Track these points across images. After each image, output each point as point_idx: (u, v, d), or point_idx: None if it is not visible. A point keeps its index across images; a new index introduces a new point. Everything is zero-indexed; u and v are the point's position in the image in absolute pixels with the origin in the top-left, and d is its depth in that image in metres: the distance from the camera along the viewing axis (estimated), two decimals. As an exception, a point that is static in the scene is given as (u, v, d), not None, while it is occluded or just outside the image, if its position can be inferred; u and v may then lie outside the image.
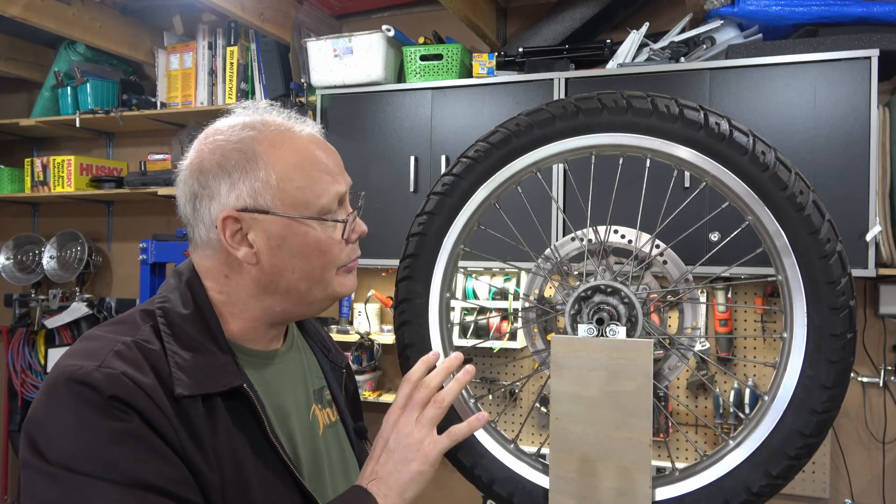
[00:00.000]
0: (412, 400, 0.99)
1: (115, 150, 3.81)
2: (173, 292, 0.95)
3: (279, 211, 0.92)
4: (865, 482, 2.59)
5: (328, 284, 0.98)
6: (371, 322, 3.06)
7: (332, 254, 0.96)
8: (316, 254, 0.95)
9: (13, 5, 2.79)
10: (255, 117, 0.97)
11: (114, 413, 0.78)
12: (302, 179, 0.93)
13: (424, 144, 2.67)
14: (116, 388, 0.79)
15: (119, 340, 0.85)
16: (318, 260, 0.95)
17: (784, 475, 1.10)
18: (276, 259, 0.93)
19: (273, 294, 0.96)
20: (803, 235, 1.07)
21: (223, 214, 0.91)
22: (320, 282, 0.97)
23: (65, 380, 0.80)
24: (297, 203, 0.93)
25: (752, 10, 2.38)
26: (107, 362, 0.81)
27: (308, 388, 1.07)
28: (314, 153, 0.96)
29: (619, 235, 1.33)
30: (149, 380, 0.82)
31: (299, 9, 3.06)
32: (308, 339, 1.16)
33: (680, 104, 1.13)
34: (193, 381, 0.85)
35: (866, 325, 2.57)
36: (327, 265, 0.96)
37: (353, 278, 1.02)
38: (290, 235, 0.93)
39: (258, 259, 0.93)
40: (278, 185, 0.92)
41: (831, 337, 1.07)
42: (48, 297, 3.60)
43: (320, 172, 0.95)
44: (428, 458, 0.95)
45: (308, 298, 0.98)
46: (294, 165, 0.93)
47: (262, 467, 0.89)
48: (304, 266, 0.95)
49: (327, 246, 0.95)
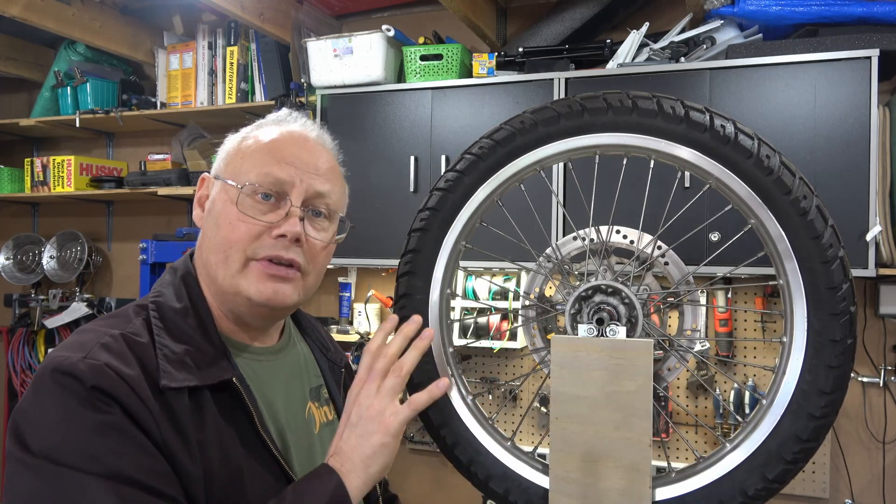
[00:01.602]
0: (372, 371, 0.97)
1: (115, 150, 3.81)
2: (167, 287, 0.96)
3: (220, 174, 0.97)
4: (865, 482, 2.59)
5: (234, 272, 0.93)
6: (371, 322, 3.07)
7: (235, 229, 0.92)
8: (224, 224, 0.94)
9: (13, 5, 2.79)
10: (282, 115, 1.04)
11: (96, 404, 0.78)
12: (251, 154, 0.96)
13: (424, 144, 2.67)
14: (99, 379, 0.79)
15: (107, 333, 0.86)
16: (224, 231, 0.93)
17: (780, 479, 1.10)
18: (206, 223, 0.98)
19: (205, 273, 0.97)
20: (805, 240, 1.07)
21: (202, 176, 1.01)
22: (225, 262, 0.93)
23: (51, 370, 0.81)
24: (234, 172, 0.96)
25: (752, 10, 2.38)
26: (92, 353, 0.82)
27: (304, 385, 1.07)
28: (281, 140, 0.98)
29: (620, 235, 1.33)
30: (133, 371, 0.82)
31: (299, 9, 3.06)
32: (307, 338, 1.16)
33: (686, 106, 1.13)
34: (181, 374, 0.86)
35: (866, 325, 2.57)
36: (232, 242, 0.92)
37: (271, 285, 0.93)
38: (217, 200, 0.96)
39: (202, 222, 0.98)
40: (233, 155, 0.98)
41: (831, 342, 1.07)
42: (48, 297, 3.60)
43: (269, 154, 0.96)
44: (389, 429, 0.93)
45: (217, 278, 0.94)
46: (255, 143, 0.98)
47: (251, 460, 0.89)
48: (215, 236, 0.95)
49: (230, 216, 0.93)
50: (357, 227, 1.11)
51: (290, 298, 0.96)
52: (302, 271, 0.96)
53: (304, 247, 0.95)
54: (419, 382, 1.31)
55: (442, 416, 1.29)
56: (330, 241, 1.00)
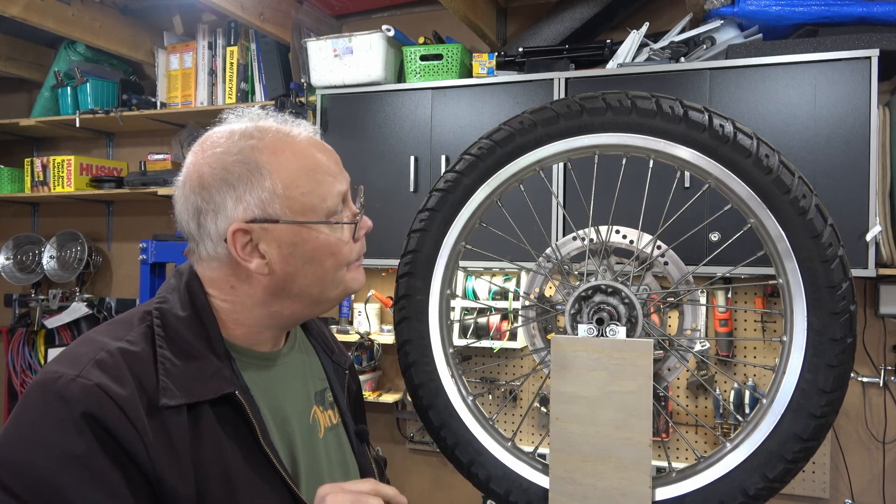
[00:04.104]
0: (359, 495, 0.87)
1: (115, 150, 3.81)
2: (172, 293, 0.95)
3: (288, 218, 0.91)
4: (865, 482, 2.59)
5: (340, 282, 0.98)
6: (371, 322, 3.07)
7: (343, 254, 0.97)
8: (328, 256, 0.95)
9: (13, 5, 2.79)
10: (250, 124, 0.95)
11: (75, 432, 0.77)
12: (307, 184, 0.93)
13: (424, 144, 2.67)
14: (88, 403, 0.78)
15: (104, 347, 0.85)
16: (331, 262, 0.96)
17: (781, 478, 1.10)
18: (288, 266, 0.93)
19: (283, 300, 0.95)
20: (805, 240, 1.07)
21: (233, 228, 0.89)
22: (332, 282, 0.97)
23: (40, 386, 0.80)
24: (305, 208, 0.92)
25: (752, 10, 2.38)
26: (85, 372, 0.80)
27: (309, 389, 1.06)
28: (315, 156, 0.95)
29: (620, 235, 1.33)
30: (125, 392, 0.81)
31: (299, 9, 3.06)
32: (311, 339, 1.15)
33: (685, 105, 1.13)
34: (181, 390, 0.84)
35: (866, 325, 2.57)
36: (339, 265, 0.97)
37: (362, 271, 1.03)
38: (301, 242, 0.93)
39: (270, 269, 0.92)
40: (285, 193, 0.91)
41: (831, 341, 1.07)
42: (48, 297, 3.60)
43: (323, 175, 0.95)
44: None
45: (320, 299, 0.98)
46: (297, 171, 0.92)
47: (252, 476, 0.88)
48: (317, 270, 0.95)
49: (337, 248, 0.96)
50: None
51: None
52: None
53: None
54: (420, 383, 1.31)
55: (442, 416, 1.29)
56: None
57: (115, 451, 0.78)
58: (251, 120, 0.96)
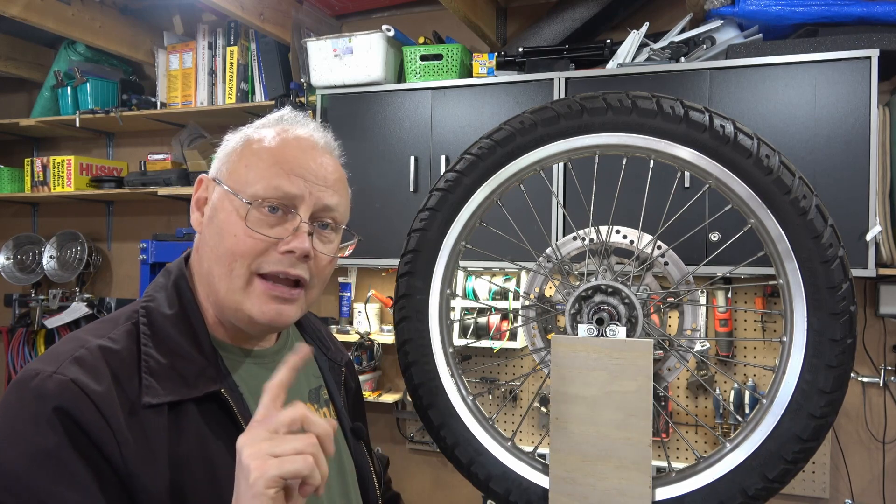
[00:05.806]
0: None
1: (115, 150, 3.81)
2: (160, 292, 0.95)
3: (223, 180, 0.94)
4: (865, 482, 2.59)
5: (237, 287, 0.90)
6: (371, 322, 3.06)
7: (241, 242, 0.89)
8: (228, 235, 0.90)
9: (13, 5, 2.79)
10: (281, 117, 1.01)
11: (46, 426, 0.77)
12: (255, 162, 0.93)
13: (424, 144, 2.67)
14: (62, 398, 0.78)
15: (84, 345, 0.84)
16: (229, 243, 0.90)
17: (780, 479, 1.10)
18: (207, 230, 0.94)
19: (205, 282, 0.94)
20: (805, 240, 1.07)
21: (200, 177, 0.98)
22: (229, 276, 0.90)
23: (18, 384, 0.80)
24: (238, 180, 0.92)
25: (752, 10, 2.38)
26: (62, 368, 0.80)
27: (303, 387, 1.06)
28: (286, 148, 0.94)
29: (620, 235, 1.33)
30: (101, 388, 0.80)
31: (299, 9, 3.06)
32: (306, 337, 1.14)
33: (685, 105, 1.13)
34: (166, 388, 0.84)
35: (866, 325, 2.57)
36: (237, 255, 0.90)
37: (274, 307, 0.91)
38: (220, 209, 0.93)
39: (200, 228, 0.96)
40: (236, 160, 0.94)
41: (831, 342, 1.07)
42: (48, 297, 3.60)
43: (276, 164, 0.92)
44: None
45: (219, 291, 0.92)
46: (259, 149, 0.94)
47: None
48: (218, 246, 0.91)
49: (236, 228, 0.90)
50: (362, 239, 1.07)
51: (292, 318, 0.94)
52: (307, 287, 0.94)
53: (311, 262, 0.93)
54: (420, 383, 1.31)
55: (442, 416, 1.29)
56: (336, 253, 0.98)
57: (85, 446, 0.78)
58: (289, 119, 1.01)
